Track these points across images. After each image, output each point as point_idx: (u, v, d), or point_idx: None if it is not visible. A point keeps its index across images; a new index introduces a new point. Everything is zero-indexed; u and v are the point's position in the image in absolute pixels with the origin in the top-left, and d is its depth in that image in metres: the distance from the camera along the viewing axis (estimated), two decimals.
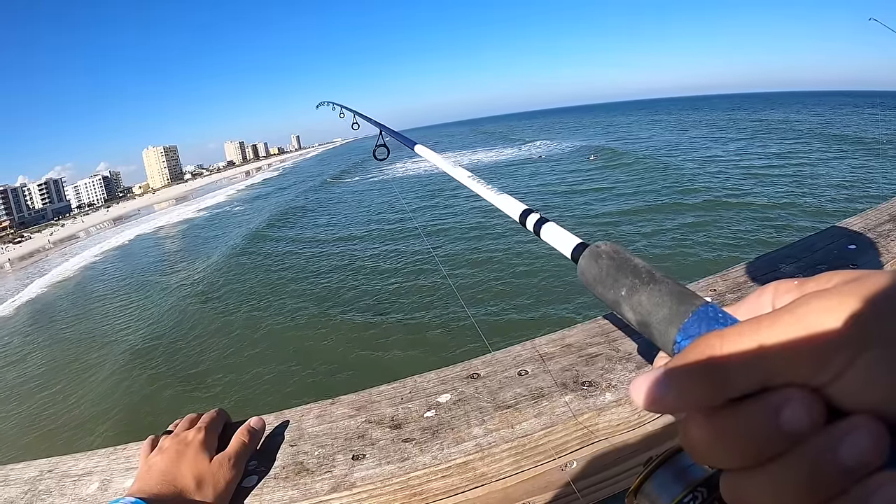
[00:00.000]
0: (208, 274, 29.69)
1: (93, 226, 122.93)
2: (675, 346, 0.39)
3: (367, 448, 0.91)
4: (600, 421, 0.88)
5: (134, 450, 1.06)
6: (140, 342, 20.72)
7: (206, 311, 22.26)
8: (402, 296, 18.68)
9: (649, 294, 0.43)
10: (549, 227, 0.64)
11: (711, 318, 0.38)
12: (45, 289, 43.74)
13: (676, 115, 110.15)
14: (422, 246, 24.14)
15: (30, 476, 1.07)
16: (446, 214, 30.91)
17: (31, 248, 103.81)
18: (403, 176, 57.77)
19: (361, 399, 1.03)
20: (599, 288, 0.48)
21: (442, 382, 1.02)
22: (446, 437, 0.89)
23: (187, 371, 16.50)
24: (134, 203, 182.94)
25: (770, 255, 1.32)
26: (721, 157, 38.61)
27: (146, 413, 14.52)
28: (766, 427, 0.30)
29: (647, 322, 0.42)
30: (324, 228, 36.19)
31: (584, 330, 1.10)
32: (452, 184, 25.10)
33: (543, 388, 0.95)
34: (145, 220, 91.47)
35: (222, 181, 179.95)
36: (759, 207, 22.81)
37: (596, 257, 0.50)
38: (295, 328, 17.78)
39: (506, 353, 1.07)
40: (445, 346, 14.01)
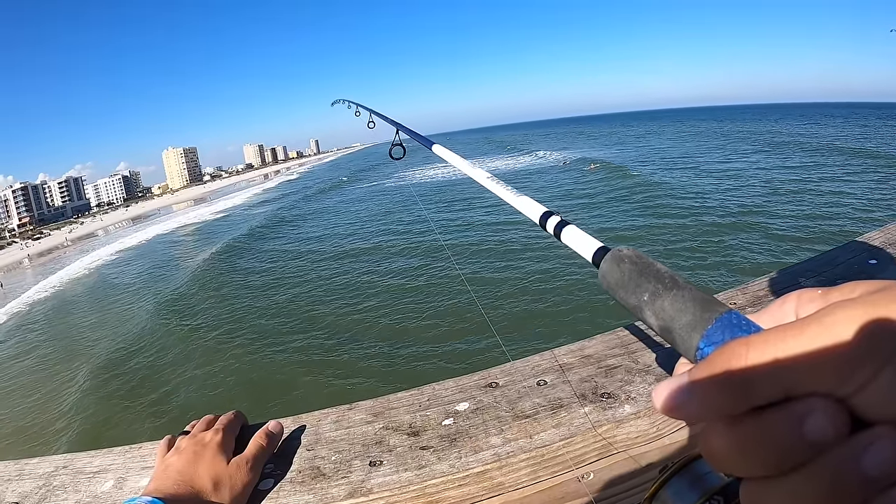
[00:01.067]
0: (227, 275, 29.87)
1: (111, 224, 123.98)
2: (697, 352, 0.39)
3: (384, 454, 0.91)
4: (619, 433, 0.87)
5: (150, 449, 1.07)
6: (157, 342, 20.88)
7: (223, 313, 22.40)
8: (420, 302, 18.70)
9: (672, 300, 0.42)
10: (569, 230, 0.63)
11: (735, 326, 0.38)
12: (59, 286, 44.07)
13: (694, 126, 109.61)
14: (441, 252, 24.18)
15: (44, 471, 1.07)
16: (466, 224, 30.91)
17: (50, 245, 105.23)
18: (420, 182, 57.93)
19: (379, 405, 1.03)
20: (621, 292, 0.48)
21: (460, 391, 1.02)
22: (464, 446, 0.88)
23: (204, 372, 16.58)
24: (153, 203, 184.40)
25: (790, 268, 1.30)
26: (740, 169, 38.36)
27: (161, 413, 14.60)
28: (790, 436, 0.30)
29: (670, 328, 0.42)
30: (341, 233, 36.34)
31: (603, 341, 1.09)
32: (469, 190, 25.25)
33: (562, 399, 0.94)
34: (164, 219, 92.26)
35: (241, 183, 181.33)
36: (778, 221, 22.67)
37: (618, 262, 0.49)
38: (311, 332, 17.84)
39: (524, 362, 1.06)
40: (463, 353, 14.01)
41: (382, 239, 30.87)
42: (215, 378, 16.02)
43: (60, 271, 55.08)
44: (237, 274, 29.84)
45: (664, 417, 0.87)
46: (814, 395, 0.30)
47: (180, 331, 21.69)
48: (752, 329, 0.37)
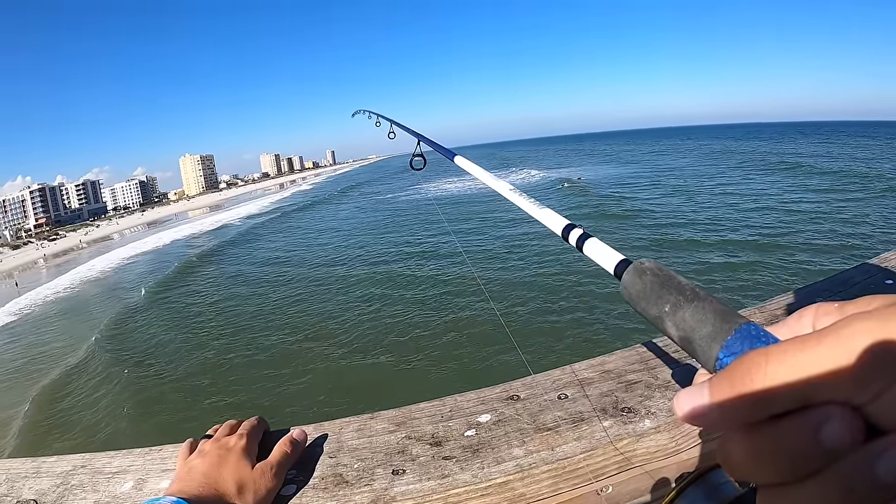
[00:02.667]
0: (246, 281, 30.00)
1: (127, 228, 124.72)
2: (717, 362, 0.40)
3: (407, 463, 0.91)
4: (638, 447, 0.88)
5: (171, 452, 1.07)
6: (180, 347, 20.94)
7: (240, 320, 22.46)
8: (441, 313, 18.70)
9: (693, 311, 0.43)
10: (591, 242, 0.64)
11: (754, 337, 0.39)
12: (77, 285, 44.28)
13: (707, 145, 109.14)
14: (463, 265, 24.21)
15: (63, 470, 1.08)
16: (487, 236, 30.93)
17: (65, 246, 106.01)
18: (437, 195, 58.05)
19: (401, 415, 1.04)
20: (642, 303, 0.49)
21: (482, 402, 1.02)
22: (487, 457, 0.89)
23: (227, 378, 16.61)
24: (168, 209, 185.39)
25: (806, 288, 1.31)
26: (759, 191, 38.15)
27: (183, 418, 14.63)
28: (806, 443, 0.31)
29: (690, 338, 0.43)
30: (361, 242, 36.45)
31: (623, 357, 1.10)
32: (490, 202, 25.25)
33: (583, 413, 0.95)
34: (179, 225, 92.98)
35: (256, 192, 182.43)
36: (794, 241, 22.55)
37: (640, 273, 0.50)
38: (333, 340, 17.86)
39: (546, 376, 1.07)
40: (484, 366, 13.97)
41: (403, 251, 30.89)
42: (236, 384, 16.04)
43: (73, 271, 55.42)
44: (255, 282, 29.94)
45: (683, 432, 0.88)
46: (830, 403, 0.31)
47: (197, 336, 21.77)
48: (771, 340, 0.38)
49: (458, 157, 1.37)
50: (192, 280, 35.16)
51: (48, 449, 14.48)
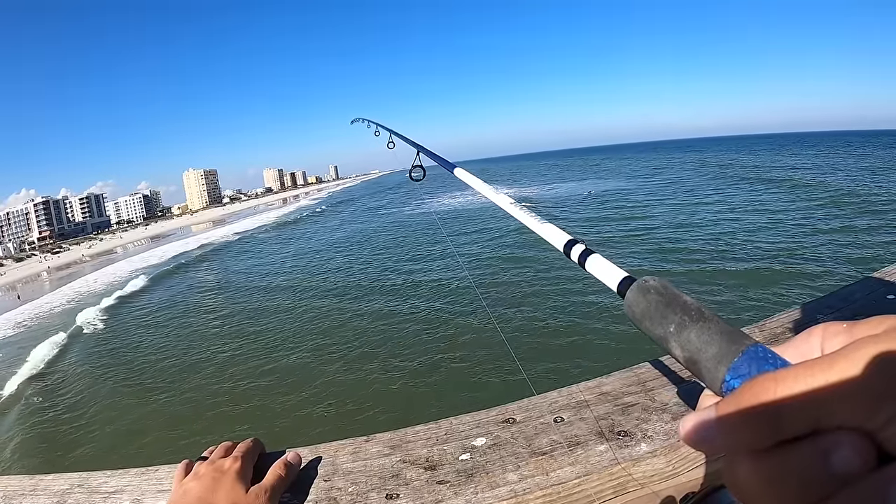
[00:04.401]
0: (246, 299, 30.04)
1: (130, 242, 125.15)
2: (723, 384, 0.39)
3: (400, 487, 0.90)
4: (635, 471, 0.87)
5: (166, 472, 1.07)
6: (174, 366, 20.96)
7: (241, 340, 22.46)
8: (440, 331, 18.70)
9: (699, 331, 0.43)
10: (594, 259, 0.63)
11: (761, 359, 0.38)
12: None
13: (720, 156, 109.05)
14: (465, 283, 24.19)
15: (59, 489, 1.08)
16: (489, 253, 30.95)
17: (69, 260, 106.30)
18: (439, 210, 58.22)
19: (396, 438, 1.03)
20: (647, 322, 0.48)
21: (477, 426, 1.02)
22: (481, 482, 0.88)
23: (222, 398, 16.59)
24: (172, 223, 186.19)
25: (808, 305, 1.30)
26: (757, 203, 38.13)
27: (177, 437, 14.61)
28: (816, 469, 0.30)
29: (696, 359, 0.42)
30: (358, 258, 36.53)
31: (620, 378, 1.09)
32: (490, 216, 25.28)
33: (579, 436, 0.94)
34: (182, 238, 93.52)
35: (259, 207, 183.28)
36: (794, 256, 22.52)
37: (644, 292, 0.49)
38: (328, 360, 17.85)
39: (542, 398, 1.06)
40: (481, 385, 13.96)
41: (402, 267, 30.90)
42: (231, 404, 16.03)
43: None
44: (252, 298, 30.00)
45: (681, 456, 0.88)
46: (841, 429, 0.30)
47: (191, 355, 21.78)
48: (779, 363, 0.37)
49: (458, 169, 1.36)
50: (189, 296, 35.22)
51: (45, 466, 14.47)
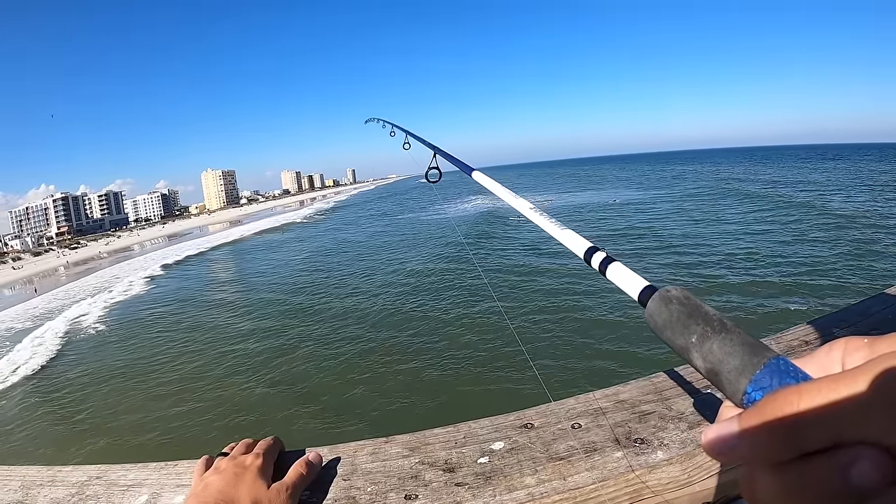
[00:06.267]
0: (266, 297, 30.16)
1: (148, 240, 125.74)
2: (745, 396, 0.39)
3: (419, 489, 0.91)
4: (650, 478, 0.87)
5: (185, 467, 1.07)
6: (195, 360, 21.07)
7: (260, 338, 22.53)
8: (458, 336, 18.66)
9: (721, 343, 0.43)
10: (615, 266, 0.63)
11: (783, 372, 0.38)
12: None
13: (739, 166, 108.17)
14: (481, 286, 24.15)
15: (77, 480, 1.09)
16: (507, 258, 30.92)
17: (86, 256, 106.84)
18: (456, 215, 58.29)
19: (415, 440, 1.04)
20: (668, 332, 0.48)
21: (496, 430, 1.02)
22: (499, 485, 0.89)
23: (240, 396, 16.64)
24: (189, 222, 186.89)
25: (823, 319, 1.29)
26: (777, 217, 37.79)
27: (196, 433, 14.66)
28: (836, 483, 0.31)
29: (718, 371, 0.42)
30: (376, 261, 36.56)
31: (637, 387, 1.09)
32: (510, 221, 25.20)
33: (596, 443, 0.94)
34: (200, 238, 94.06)
35: (277, 208, 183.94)
36: (809, 269, 22.32)
37: (666, 302, 0.49)
38: (346, 364, 17.84)
39: (560, 405, 1.07)
40: (498, 390, 13.92)
41: (418, 270, 30.85)
42: (251, 403, 16.06)
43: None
44: (272, 297, 30.12)
45: (696, 464, 0.88)
46: (861, 443, 0.31)
47: (215, 351, 21.86)
48: (801, 376, 0.38)
49: (476, 172, 1.35)
50: (209, 293, 35.35)
51: (62, 458, 14.54)
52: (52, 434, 16.82)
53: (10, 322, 41.75)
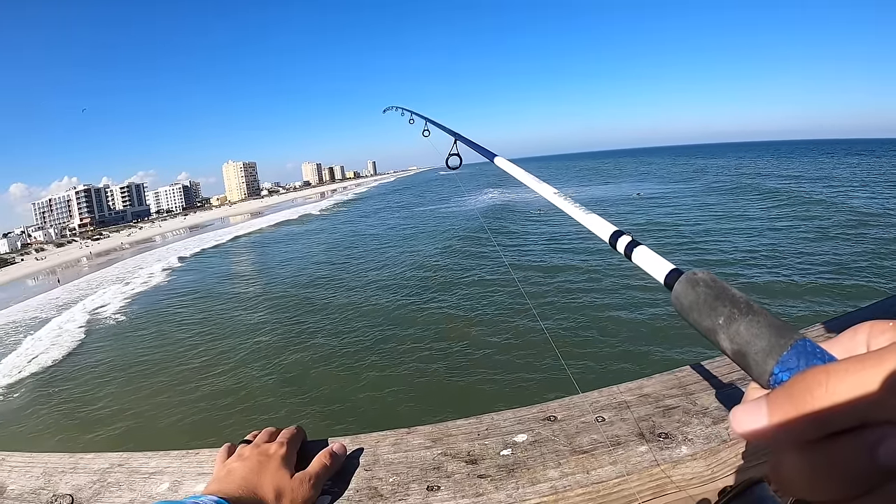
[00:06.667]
0: (286, 288, 30.34)
1: (169, 231, 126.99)
2: (771, 377, 0.39)
3: (442, 480, 0.91)
4: (674, 473, 0.87)
5: (207, 455, 1.08)
6: (216, 349, 21.26)
7: (281, 329, 22.64)
8: (481, 324, 18.68)
9: (748, 324, 0.42)
10: (640, 250, 0.62)
11: (810, 353, 0.38)
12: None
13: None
14: (506, 274, 24.15)
15: (100, 467, 1.09)
16: (531, 247, 30.91)
17: (108, 247, 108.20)
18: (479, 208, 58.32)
19: (438, 431, 1.03)
20: (694, 314, 0.47)
21: (519, 422, 1.02)
22: (522, 477, 0.88)
23: (261, 386, 16.75)
24: (210, 213, 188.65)
25: (845, 317, 1.26)
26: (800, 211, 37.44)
27: (217, 421, 14.78)
28: (862, 462, 0.31)
29: (745, 352, 0.42)
30: (399, 251, 36.63)
31: (661, 381, 1.08)
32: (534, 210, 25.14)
33: (620, 437, 0.94)
34: (221, 229, 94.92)
35: (297, 200, 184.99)
36: (832, 268, 22.07)
37: (693, 284, 0.49)
38: (371, 351, 17.91)
39: (583, 397, 1.06)
40: (521, 382, 13.90)
41: (444, 261, 30.84)
42: (272, 392, 16.16)
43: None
44: (292, 287, 30.26)
45: (720, 460, 0.87)
46: (888, 423, 0.31)
47: (237, 341, 22.02)
48: (827, 358, 0.38)
49: (498, 157, 1.33)
50: (228, 283, 35.61)
51: (85, 445, 14.70)
52: (73, 422, 17.04)
53: (33, 312, 42.50)
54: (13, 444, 15.89)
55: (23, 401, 20.54)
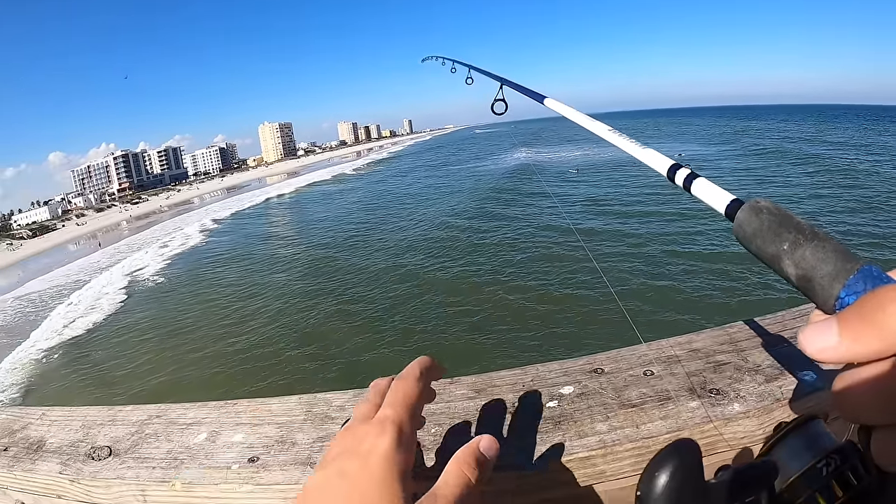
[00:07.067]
0: (322, 246, 30.67)
1: (207, 193, 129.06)
2: (837, 301, 0.39)
3: (487, 431, 0.89)
4: (726, 431, 0.84)
5: (245, 406, 1.08)
6: (253, 303, 21.80)
7: (316, 281, 22.96)
8: (529, 274, 18.78)
9: (814, 249, 0.43)
10: (700, 182, 0.62)
11: (876, 278, 0.38)
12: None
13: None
14: (565, 227, 24.28)
15: (137, 419, 1.10)
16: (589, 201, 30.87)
17: (147, 210, 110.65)
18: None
19: (481, 381, 1.02)
20: (758, 241, 0.48)
21: (565, 374, 1.00)
22: (569, 430, 0.86)
23: (299, 334, 17.07)
24: (247, 175, 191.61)
25: None
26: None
27: (254, 371, 15.09)
28: None
29: (810, 276, 0.42)
30: (454, 200, 36.77)
31: (711, 336, 1.05)
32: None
33: (670, 391, 0.91)
34: (258, 190, 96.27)
35: (334, 159, 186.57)
36: (875, 241, 21.70)
37: (756, 212, 0.49)
38: (415, 301, 18.09)
39: (631, 350, 1.04)
40: (571, 335, 14.00)
41: (499, 211, 30.93)
42: (310, 342, 16.42)
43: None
44: (326, 250, 30.54)
45: (773, 419, 0.84)
46: None
47: (273, 295, 22.40)
48: (894, 281, 0.37)
49: (548, 99, 1.31)
50: (268, 242, 36.07)
51: (123, 398, 15.11)
52: (112, 378, 17.61)
53: (75, 275, 43.65)
54: (55, 401, 16.42)
55: (65, 360, 21.26)
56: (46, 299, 36.40)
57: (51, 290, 39.94)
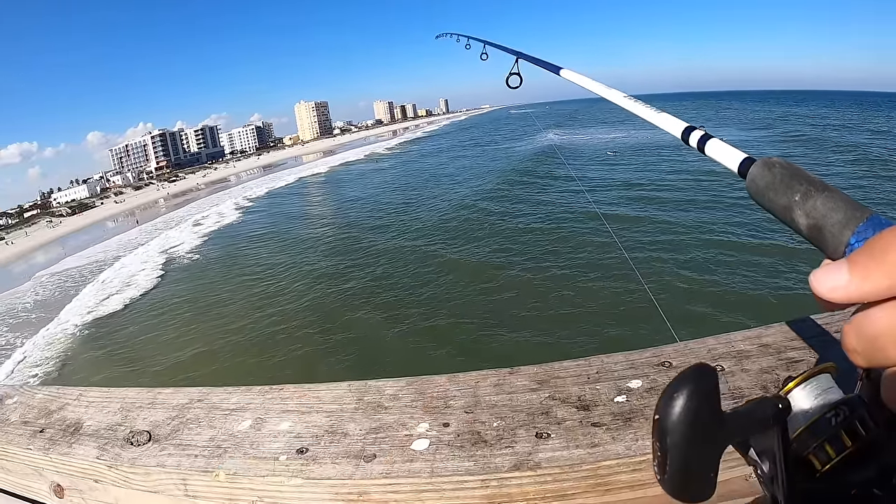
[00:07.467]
0: (363, 229, 30.83)
1: (243, 171, 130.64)
2: (847, 248, 0.41)
3: (551, 427, 0.84)
4: None
5: (291, 392, 1.05)
6: (300, 289, 21.85)
7: (360, 265, 23.04)
8: (576, 272, 18.69)
9: (825, 199, 0.45)
10: (713, 143, 0.65)
11: (885, 225, 0.40)
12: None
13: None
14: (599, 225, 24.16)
15: (178, 402, 1.08)
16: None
17: (184, 188, 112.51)
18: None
19: (543, 372, 0.97)
20: (770, 194, 0.50)
21: (631, 367, 0.95)
22: (640, 427, 0.82)
23: (347, 321, 17.13)
24: (284, 153, 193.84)
25: None
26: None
27: (301, 356, 15.17)
28: None
29: (821, 225, 0.44)
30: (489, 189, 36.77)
31: (781, 332, 0.99)
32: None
33: (742, 389, 0.86)
34: (294, 168, 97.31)
35: (370, 138, 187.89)
36: None
37: (769, 167, 0.52)
38: (471, 290, 18.08)
39: (699, 343, 0.99)
40: (621, 330, 13.89)
41: (532, 197, 30.84)
42: (359, 327, 16.47)
43: None
44: (362, 232, 30.65)
45: None
46: None
47: (315, 278, 22.53)
48: None
49: (564, 70, 1.33)
50: (306, 221, 36.31)
51: (164, 380, 15.22)
52: (151, 358, 17.69)
53: (113, 251, 44.47)
54: (90, 376, 16.68)
55: (102, 338, 21.49)
56: (84, 275, 37.06)
57: (89, 265, 40.68)
